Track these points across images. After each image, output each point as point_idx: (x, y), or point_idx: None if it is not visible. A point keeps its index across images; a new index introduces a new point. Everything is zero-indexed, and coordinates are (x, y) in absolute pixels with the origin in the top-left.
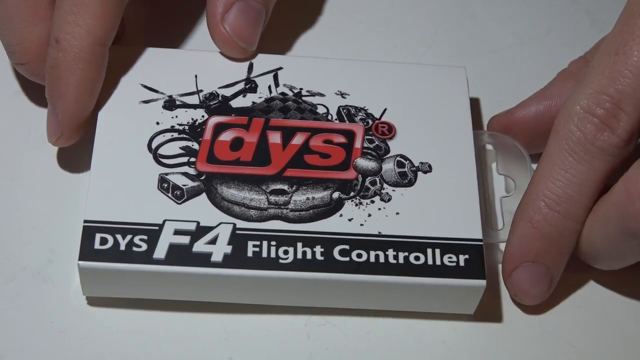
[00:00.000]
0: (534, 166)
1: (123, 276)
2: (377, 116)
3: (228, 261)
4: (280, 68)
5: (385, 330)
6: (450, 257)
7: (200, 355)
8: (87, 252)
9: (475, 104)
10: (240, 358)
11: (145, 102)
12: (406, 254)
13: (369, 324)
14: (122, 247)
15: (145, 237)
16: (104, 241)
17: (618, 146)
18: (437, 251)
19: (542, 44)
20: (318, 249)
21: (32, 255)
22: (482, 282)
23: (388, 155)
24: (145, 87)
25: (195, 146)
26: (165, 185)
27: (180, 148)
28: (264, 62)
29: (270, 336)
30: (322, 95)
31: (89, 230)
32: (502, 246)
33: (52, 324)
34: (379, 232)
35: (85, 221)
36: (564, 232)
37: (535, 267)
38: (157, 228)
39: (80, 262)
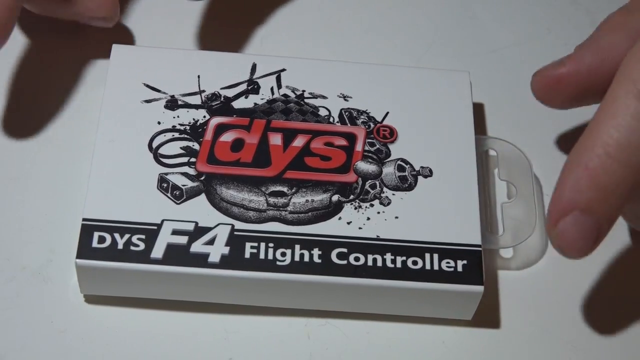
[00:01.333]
0: (536, 172)
1: (120, 275)
2: (379, 119)
3: (225, 262)
4: (283, 70)
5: (386, 331)
6: (448, 263)
7: (200, 355)
8: (84, 250)
9: (478, 108)
10: (240, 358)
11: (148, 101)
12: (404, 258)
13: (369, 324)
14: (120, 246)
15: (143, 237)
16: (101, 240)
17: None
18: (436, 256)
19: (542, 44)
20: (316, 252)
21: (32, 255)
22: (480, 288)
23: (389, 159)
24: (148, 86)
25: (196, 146)
26: (165, 185)
27: (181, 148)
28: (267, 63)
29: (270, 336)
30: (324, 97)
31: (87, 229)
32: (502, 252)
33: (52, 323)
34: (378, 236)
35: (83, 219)
36: (621, 183)
37: (584, 218)
38: (155, 228)
39: (78, 260)
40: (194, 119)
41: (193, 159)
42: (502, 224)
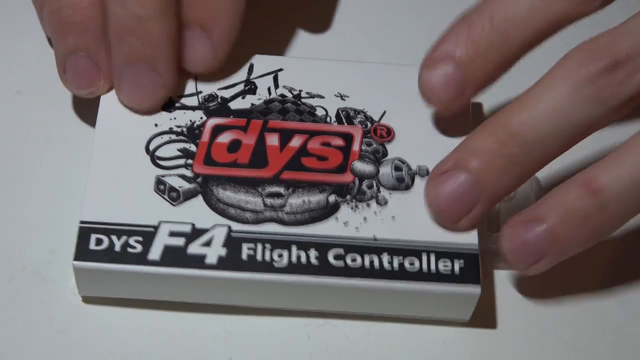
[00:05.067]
0: (536, 174)
1: (118, 277)
2: (377, 119)
3: (222, 263)
4: (280, 69)
5: (386, 331)
6: (445, 263)
7: (200, 355)
8: (82, 252)
9: (477, 108)
10: (240, 358)
11: None
12: (401, 258)
13: (369, 324)
14: (117, 248)
15: (140, 239)
16: (99, 242)
17: None
18: (432, 256)
19: (542, 43)
20: (312, 253)
21: (32, 255)
22: (477, 289)
23: (386, 159)
24: None
25: (193, 148)
26: (162, 186)
27: (178, 150)
28: (264, 63)
29: (270, 336)
30: (321, 97)
31: (85, 231)
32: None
33: (52, 323)
34: (374, 237)
35: (81, 222)
36: (494, 49)
37: (453, 69)
38: (152, 229)
39: (75, 262)
40: (190, 121)
41: (190, 161)
42: (500, 224)
